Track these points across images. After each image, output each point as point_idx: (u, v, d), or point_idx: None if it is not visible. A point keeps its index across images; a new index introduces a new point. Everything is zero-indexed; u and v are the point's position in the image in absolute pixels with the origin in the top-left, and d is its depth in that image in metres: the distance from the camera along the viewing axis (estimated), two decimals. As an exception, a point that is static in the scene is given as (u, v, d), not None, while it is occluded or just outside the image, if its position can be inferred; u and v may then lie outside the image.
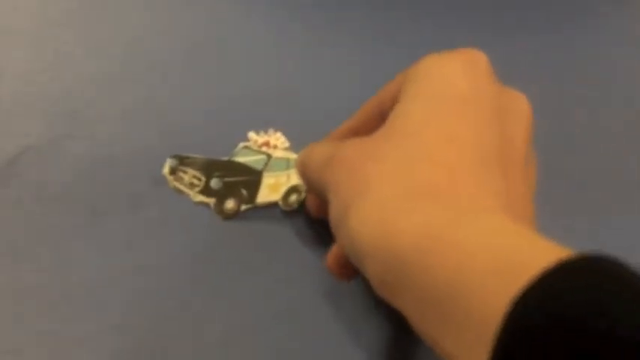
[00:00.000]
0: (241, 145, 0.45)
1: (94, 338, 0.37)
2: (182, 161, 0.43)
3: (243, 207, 0.43)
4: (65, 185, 0.43)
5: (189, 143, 0.46)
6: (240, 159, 0.44)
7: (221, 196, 0.42)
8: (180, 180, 0.43)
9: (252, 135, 0.45)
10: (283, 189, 0.43)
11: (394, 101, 0.34)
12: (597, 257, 0.24)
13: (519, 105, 0.36)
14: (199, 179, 0.42)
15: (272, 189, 0.43)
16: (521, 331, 0.23)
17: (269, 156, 0.44)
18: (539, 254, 0.24)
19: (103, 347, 0.37)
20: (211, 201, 0.42)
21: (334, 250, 0.37)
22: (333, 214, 0.32)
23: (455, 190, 0.29)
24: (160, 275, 0.40)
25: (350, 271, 0.35)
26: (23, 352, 0.37)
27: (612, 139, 0.53)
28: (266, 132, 0.46)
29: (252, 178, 0.43)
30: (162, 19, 0.55)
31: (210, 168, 0.43)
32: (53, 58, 0.51)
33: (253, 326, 0.38)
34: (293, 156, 0.44)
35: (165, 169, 0.43)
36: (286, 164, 0.44)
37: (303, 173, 0.38)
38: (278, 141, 0.45)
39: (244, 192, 0.42)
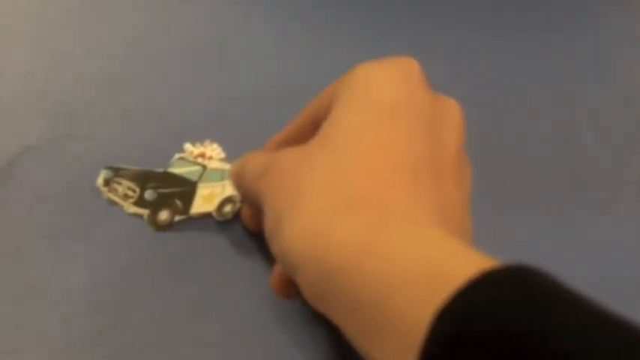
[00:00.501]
0: (177, 156, 0.45)
1: (94, 338, 0.37)
2: (117, 172, 0.43)
3: (177, 218, 0.42)
4: (65, 185, 0.43)
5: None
6: (176, 170, 0.44)
7: (155, 207, 0.42)
8: (114, 191, 0.42)
9: (187, 146, 0.45)
10: (218, 200, 0.43)
11: (328, 110, 0.34)
12: (520, 268, 0.24)
13: (451, 112, 0.35)
14: (134, 190, 0.42)
15: (206, 200, 0.43)
16: (443, 344, 0.23)
17: (204, 167, 0.44)
18: (464, 265, 0.25)
19: (103, 347, 0.37)
20: (145, 212, 0.42)
21: (277, 268, 0.37)
22: (268, 224, 0.32)
23: (386, 199, 0.29)
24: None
25: (294, 288, 0.35)
26: (23, 352, 0.37)
27: (613, 139, 0.53)
28: (202, 143, 0.46)
29: (186, 189, 0.43)
30: (163, 19, 0.55)
31: (144, 179, 0.43)
32: (53, 58, 0.51)
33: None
34: (228, 167, 0.44)
35: (99, 181, 0.43)
36: (221, 175, 0.44)
37: (238, 184, 0.38)
38: (214, 152, 0.45)
39: (178, 203, 0.42)
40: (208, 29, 0.55)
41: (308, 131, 0.36)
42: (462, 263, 0.25)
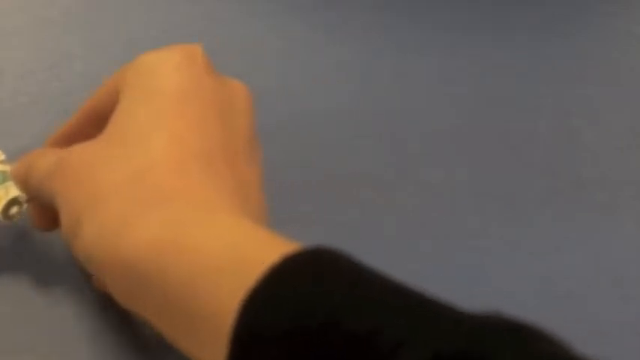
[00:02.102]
0: None
1: (94, 337, 0.37)
2: None
3: None
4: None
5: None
6: None
7: None
8: None
9: None
10: (2, 203, 0.40)
11: (113, 100, 0.33)
12: (319, 251, 0.25)
13: (240, 95, 0.35)
14: None
15: None
16: (249, 332, 0.23)
17: None
18: (267, 250, 0.25)
19: (104, 346, 0.37)
20: None
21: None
22: (65, 224, 0.31)
23: (184, 191, 0.29)
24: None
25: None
26: (23, 352, 0.37)
27: (613, 138, 0.53)
28: None
29: None
30: (162, 19, 0.55)
31: None
32: (53, 58, 0.51)
33: None
34: (9, 168, 0.41)
35: None
36: (2, 177, 0.41)
37: (26, 184, 0.36)
38: None
39: None
40: (208, 29, 0.55)
41: (93, 124, 0.35)
42: (264, 248, 0.26)
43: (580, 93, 0.56)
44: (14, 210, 0.39)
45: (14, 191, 0.40)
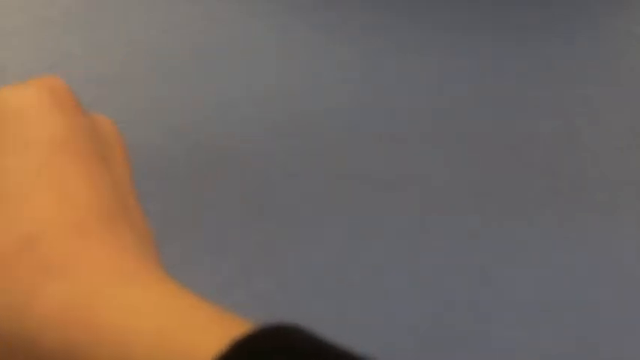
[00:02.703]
0: None
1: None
2: None
3: None
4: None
5: (190, 143, 0.46)
6: None
7: None
8: None
9: None
10: None
11: None
12: (272, 331, 0.21)
13: (109, 131, 0.30)
14: None
15: None
16: None
17: None
18: (207, 335, 0.21)
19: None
20: None
21: None
22: None
23: (88, 256, 0.24)
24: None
25: None
26: None
27: (613, 138, 0.53)
28: None
29: None
30: (163, 19, 0.55)
31: None
32: (53, 58, 0.51)
33: None
34: None
35: None
36: None
37: None
38: None
39: None
40: (208, 29, 0.55)
41: None
42: (204, 330, 0.21)
43: (580, 93, 0.56)
44: None
45: None
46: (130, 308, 0.22)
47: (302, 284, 0.40)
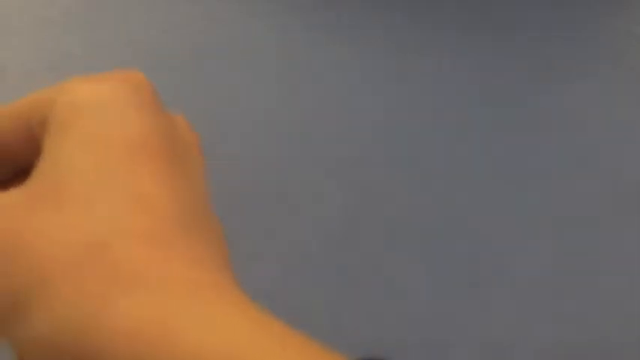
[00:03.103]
0: None
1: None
2: None
3: None
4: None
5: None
6: None
7: None
8: None
9: None
10: None
11: (26, 140, 0.26)
12: None
13: (188, 132, 0.28)
14: None
15: None
16: None
17: None
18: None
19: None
20: None
21: None
22: None
23: (163, 271, 0.23)
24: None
25: None
26: None
27: (613, 138, 0.53)
28: None
29: None
30: (163, 19, 0.55)
31: None
32: (53, 58, 0.51)
33: None
34: None
35: None
36: None
37: None
38: None
39: None
40: (208, 29, 0.55)
41: (15, 147, 0.27)
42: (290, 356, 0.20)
43: (580, 93, 0.56)
44: None
45: None
46: (206, 327, 0.21)
47: (301, 275, 0.40)
